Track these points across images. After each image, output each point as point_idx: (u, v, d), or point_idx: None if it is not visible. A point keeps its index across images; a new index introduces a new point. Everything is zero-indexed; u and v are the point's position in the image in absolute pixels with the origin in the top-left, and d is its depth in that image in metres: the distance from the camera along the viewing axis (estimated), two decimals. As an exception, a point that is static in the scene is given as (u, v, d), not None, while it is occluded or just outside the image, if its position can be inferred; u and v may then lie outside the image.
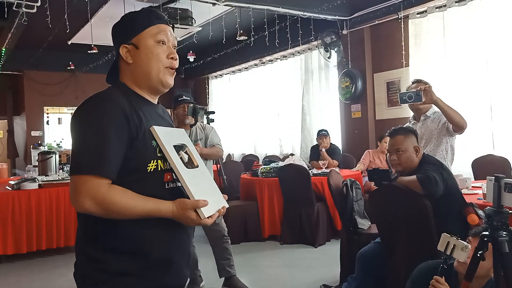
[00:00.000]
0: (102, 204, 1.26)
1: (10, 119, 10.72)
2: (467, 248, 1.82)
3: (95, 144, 1.28)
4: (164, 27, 1.47)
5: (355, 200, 3.82)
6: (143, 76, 1.44)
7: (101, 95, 1.36)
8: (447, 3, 5.51)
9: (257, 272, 4.44)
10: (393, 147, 2.97)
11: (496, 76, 5.13)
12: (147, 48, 1.43)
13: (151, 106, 1.49)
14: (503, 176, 1.70)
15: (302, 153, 7.80)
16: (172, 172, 1.41)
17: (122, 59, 1.46)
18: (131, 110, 1.35)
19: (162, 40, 1.45)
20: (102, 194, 1.26)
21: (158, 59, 1.44)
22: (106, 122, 1.30)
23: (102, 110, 1.31)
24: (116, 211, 1.28)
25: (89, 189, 1.26)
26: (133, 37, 1.44)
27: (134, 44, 1.43)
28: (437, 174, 2.72)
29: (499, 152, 5.02)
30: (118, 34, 1.49)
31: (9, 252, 4.77)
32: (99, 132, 1.29)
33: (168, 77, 1.47)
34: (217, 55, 8.60)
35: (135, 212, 1.30)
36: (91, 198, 1.26)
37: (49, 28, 5.87)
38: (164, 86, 1.47)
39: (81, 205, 1.27)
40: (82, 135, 1.31)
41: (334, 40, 6.89)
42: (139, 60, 1.43)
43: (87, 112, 1.33)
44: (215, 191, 1.51)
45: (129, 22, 1.48)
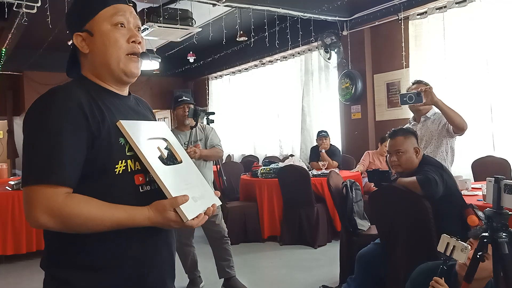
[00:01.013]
0: (60, 217, 1.08)
1: (10, 120, 10.72)
2: (467, 249, 1.82)
3: (46, 148, 1.09)
4: (122, 7, 1.26)
5: (355, 201, 3.82)
6: (102, 66, 1.25)
7: (53, 91, 1.18)
8: (447, 4, 5.51)
9: (256, 273, 4.44)
10: (393, 148, 2.97)
11: (496, 77, 5.13)
12: (103, 33, 1.23)
13: (119, 99, 1.29)
14: (503, 177, 1.70)
15: (302, 154, 7.80)
16: (145, 173, 1.22)
17: (78, 50, 1.28)
18: (90, 105, 1.17)
19: (121, 22, 1.25)
20: (58, 206, 1.07)
21: (117, 45, 1.24)
22: (59, 120, 1.11)
23: (54, 108, 1.13)
24: (78, 224, 1.09)
25: (43, 200, 1.07)
26: (86, 22, 1.25)
27: (88, 31, 1.24)
28: (437, 175, 2.72)
29: (499, 154, 5.02)
30: (70, 21, 1.30)
31: (8, 252, 4.77)
32: (50, 133, 1.10)
33: (132, 64, 1.27)
34: (217, 55, 8.60)
35: (103, 224, 1.10)
36: (46, 211, 1.07)
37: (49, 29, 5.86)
38: (128, 76, 1.28)
39: (35, 220, 1.08)
40: (31, 138, 1.12)
41: (334, 41, 6.89)
42: (96, 48, 1.24)
43: (37, 111, 1.15)
44: (204, 188, 1.33)
45: (81, 6, 1.28)
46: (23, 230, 4.80)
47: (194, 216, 1.18)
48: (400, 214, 2.92)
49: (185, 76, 10.44)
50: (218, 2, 5.72)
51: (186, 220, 1.15)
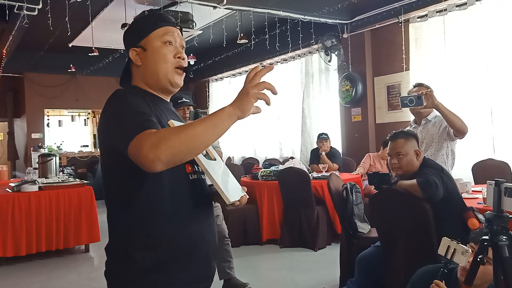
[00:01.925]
0: (160, 140, 1.17)
1: (11, 121, 10.73)
2: (468, 253, 1.81)
3: (132, 116, 1.28)
4: (170, 29, 1.51)
5: (355, 203, 3.82)
6: (152, 77, 1.48)
7: (121, 91, 1.41)
8: (447, 7, 5.52)
9: (256, 275, 4.44)
10: (394, 150, 2.96)
11: (496, 80, 5.14)
12: (154, 49, 1.47)
13: (165, 103, 1.54)
14: (503, 180, 1.70)
15: (302, 156, 7.80)
16: (192, 164, 1.43)
17: (132, 63, 1.50)
18: (148, 104, 1.39)
19: (169, 41, 1.48)
20: (153, 136, 1.19)
21: (165, 60, 1.47)
22: (134, 103, 1.33)
23: (128, 99, 1.35)
24: (180, 141, 1.18)
25: (144, 138, 1.19)
26: (141, 40, 1.48)
27: (142, 47, 1.48)
28: (437, 178, 2.72)
29: (500, 157, 5.02)
30: (128, 39, 1.54)
31: (8, 254, 4.76)
32: (131, 109, 1.30)
33: (177, 76, 1.51)
34: (218, 58, 8.61)
35: (198, 129, 1.20)
36: (149, 146, 1.17)
37: (50, 31, 5.88)
38: (173, 86, 1.51)
39: (151, 158, 1.17)
40: (117, 117, 1.31)
41: (335, 43, 6.90)
42: (148, 61, 1.47)
43: (114, 102, 1.37)
44: (235, 182, 1.54)
45: (137, 26, 1.53)
46: (23, 232, 4.80)
47: (234, 200, 1.37)
48: (401, 217, 2.92)
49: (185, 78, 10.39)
50: (218, 4, 5.73)
51: (229, 202, 1.34)
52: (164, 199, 1.35)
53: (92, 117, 12.35)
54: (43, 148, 9.53)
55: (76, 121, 12.13)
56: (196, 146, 1.22)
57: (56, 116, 11.59)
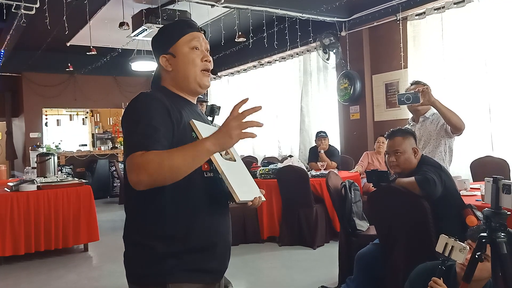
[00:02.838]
0: (140, 168, 1.30)
1: (9, 121, 10.72)
2: (465, 250, 1.82)
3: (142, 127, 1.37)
4: (196, 34, 1.61)
5: (354, 201, 3.83)
6: (183, 80, 1.58)
7: (146, 93, 1.50)
8: (445, 5, 5.52)
9: (255, 273, 4.44)
10: (392, 148, 2.97)
11: (494, 77, 5.14)
12: (184, 55, 1.57)
13: (190, 105, 1.62)
14: (501, 177, 1.70)
15: (301, 154, 7.80)
16: (209, 162, 1.47)
17: (162, 68, 1.60)
18: (171, 106, 1.46)
19: (196, 46, 1.59)
20: (137, 160, 1.31)
21: (194, 64, 1.57)
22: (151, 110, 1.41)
23: (146, 102, 1.44)
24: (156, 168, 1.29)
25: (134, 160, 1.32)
26: (170, 47, 1.58)
27: (171, 54, 1.58)
28: (436, 176, 2.73)
29: (498, 154, 5.03)
30: (157, 46, 1.63)
31: (7, 253, 4.76)
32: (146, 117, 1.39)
33: (205, 78, 1.60)
34: (216, 56, 8.59)
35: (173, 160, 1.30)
36: (136, 166, 1.30)
37: (48, 30, 5.87)
38: (202, 88, 1.61)
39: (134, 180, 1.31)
40: (132, 123, 1.41)
41: (333, 41, 6.91)
42: (178, 67, 1.57)
43: (134, 106, 1.45)
44: (252, 184, 1.60)
45: (165, 34, 1.62)
46: (21, 232, 4.79)
47: (245, 200, 1.42)
48: (399, 214, 2.92)
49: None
50: (216, 3, 5.73)
51: (239, 201, 1.38)
52: (181, 194, 1.43)
53: (91, 116, 12.35)
54: (41, 148, 9.52)
55: (74, 120, 12.13)
56: (174, 177, 1.32)
57: (55, 116, 11.59)
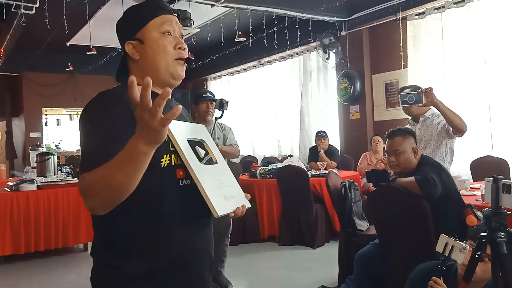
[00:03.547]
0: (86, 193, 1.13)
1: (9, 121, 10.72)
2: (466, 250, 1.82)
3: (94, 141, 1.21)
4: (168, 17, 1.39)
5: (354, 201, 3.82)
6: (152, 71, 1.36)
7: (104, 93, 1.31)
8: (445, 5, 5.52)
9: (255, 273, 4.44)
10: (392, 148, 2.96)
11: (494, 77, 5.14)
12: (153, 41, 1.36)
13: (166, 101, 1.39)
14: (501, 177, 1.70)
15: (301, 154, 7.80)
16: (185, 168, 1.31)
17: (129, 56, 1.39)
18: None
19: (168, 31, 1.37)
20: (80, 185, 1.15)
21: (165, 52, 1.36)
22: (105, 116, 1.23)
23: (105, 107, 1.25)
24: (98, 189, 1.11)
25: (80, 184, 1.17)
26: (137, 31, 1.37)
27: (139, 39, 1.36)
28: (436, 175, 2.73)
29: (498, 153, 5.03)
30: (122, 31, 1.43)
31: (7, 253, 4.76)
32: (98, 128, 1.22)
33: (179, 68, 1.39)
34: (216, 56, 8.60)
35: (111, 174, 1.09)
36: (82, 194, 1.14)
37: (48, 30, 5.86)
38: (175, 79, 1.40)
39: (86, 207, 1.17)
40: (83, 136, 1.25)
41: (333, 41, 6.90)
42: (146, 55, 1.36)
43: (90, 111, 1.28)
44: (235, 189, 1.40)
45: (132, 16, 1.41)
46: (21, 231, 4.79)
47: (224, 213, 1.25)
48: (399, 214, 2.92)
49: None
50: (216, 2, 5.73)
51: (217, 216, 1.22)
52: (152, 206, 1.26)
53: (90, 116, 12.34)
54: (41, 147, 9.52)
55: (74, 120, 12.10)
56: (125, 194, 1.13)
57: (54, 115, 11.58)
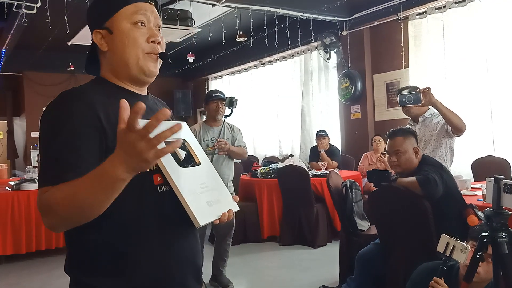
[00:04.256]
0: (45, 210, 1.03)
1: (10, 120, 10.72)
2: (467, 250, 1.81)
3: (54, 151, 1.07)
4: (143, 5, 1.24)
5: (355, 201, 3.82)
6: (120, 65, 1.23)
7: (65, 94, 1.16)
8: (446, 4, 5.51)
9: (256, 273, 4.44)
10: (393, 148, 2.96)
11: (496, 77, 5.13)
12: (122, 32, 1.21)
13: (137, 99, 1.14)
14: (503, 177, 1.70)
15: (302, 154, 7.79)
16: (162, 174, 1.17)
17: (97, 47, 1.25)
18: (105, 107, 1.14)
19: (141, 21, 1.22)
20: (40, 201, 1.04)
21: (136, 44, 1.21)
22: (68, 123, 1.09)
23: (65, 110, 1.11)
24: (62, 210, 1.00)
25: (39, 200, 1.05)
26: (106, 20, 1.22)
27: (107, 29, 1.22)
28: (437, 175, 2.72)
29: (499, 153, 5.02)
30: (91, 18, 1.27)
31: (8, 252, 4.77)
32: (59, 136, 1.07)
33: (150, 63, 1.23)
34: (217, 56, 8.60)
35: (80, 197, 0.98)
36: (40, 211, 1.04)
37: (49, 29, 5.86)
38: (146, 75, 1.25)
39: (44, 223, 1.06)
40: (41, 144, 1.11)
41: (334, 41, 6.90)
42: (114, 46, 1.22)
43: (49, 115, 1.13)
44: (221, 192, 1.28)
45: (102, 2, 1.26)
46: (22, 230, 4.80)
47: (207, 221, 1.16)
48: (400, 214, 2.92)
49: (184, 77, 10.45)
50: (217, 2, 5.72)
51: (198, 226, 1.12)
52: (128, 218, 1.14)
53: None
54: (42, 147, 9.51)
55: (75, 119, 12.13)
56: (90, 216, 1.02)
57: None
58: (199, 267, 1.33)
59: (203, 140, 3.84)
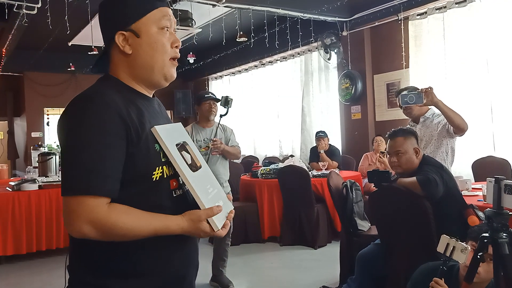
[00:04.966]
0: (103, 228, 1.08)
1: (11, 120, 10.73)
2: (467, 250, 1.81)
3: (88, 158, 1.08)
4: (167, 10, 1.25)
5: (355, 201, 3.82)
6: (145, 69, 1.23)
7: (91, 96, 1.15)
8: (447, 5, 5.51)
9: (257, 273, 4.44)
10: (393, 149, 2.96)
11: (496, 77, 5.13)
12: (151, 36, 1.21)
13: (148, 101, 1.27)
14: (503, 177, 1.70)
15: (302, 154, 7.80)
16: (177, 178, 1.24)
17: (116, 49, 1.23)
18: (128, 111, 1.15)
19: (166, 26, 1.24)
20: (101, 217, 1.07)
21: (164, 50, 1.23)
22: (99, 129, 1.10)
23: (94, 116, 1.10)
24: (119, 235, 1.10)
25: (87, 212, 1.07)
26: (132, 22, 1.21)
27: (134, 32, 1.21)
28: (437, 176, 2.72)
29: (500, 154, 5.02)
30: (111, 18, 1.24)
31: (9, 253, 4.77)
32: (92, 142, 1.09)
33: (173, 70, 1.27)
34: (217, 56, 8.60)
35: (141, 234, 1.11)
36: (90, 222, 1.07)
37: (50, 29, 5.87)
38: (167, 80, 1.27)
39: (77, 230, 1.08)
40: (73, 146, 1.10)
41: (334, 41, 6.89)
42: (141, 50, 1.21)
43: (76, 119, 1.12)
44: (220, 194, 1.32)
45: (126, 3, 1.23)
46: (23, 231, 4.80)
47: (222, 225, 1.21)
48: (400, 214, 2.92)
49: (185, 77, 10.44)
50: (218, 2, 5.73)
51: (217, 230, 1.18)
52: None
53: (92, 115, 12.36)
54: (43, 147, 9.51)
55: (75, 120, 12.13)
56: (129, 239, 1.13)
57: (56, 115, 11.55)
58: (198, 266, 1.38)
59: (196, 141, 3.86)
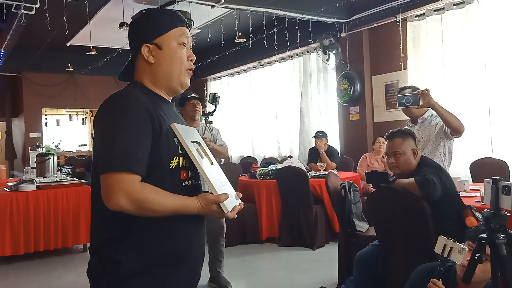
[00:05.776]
0: (137, 201, 1.27)
1: (9, 121, 10.71)
2: (464, 251, 1.82)
3: (124, 141, 1.29)
4: (185, 30, 1.51)
5: (353, 202, 3.82)
6: (165, 77, 1.48)
7: (125, 93, 1.39)
8: (445, 6, 5.52)
9: (255, 274, 4.44)
10: (391, 150, 2.96)
11: (494, 78, 5.14)
12: (171, 49, 1.46)
13: (168, 105, 1.52)
14: (501, 178, 1.70)
15: (301, 155, 7.80)
16: (187, 170, 1.44)
17: (141, 58, 1.47)
18: (153, 109, 1.37)
19: (184, 43, 1.49)
20: (137, 191, 1.27)
21: (181, 62, 1.48)
22: (133, 120, 1.32)
23: (128, 108, 1.33)
24: (149, 209, 1.29)
25: (125, 186, 1.26)
26: (157, 37, 1.46)
27: (157, 44, 1.45)
28: (435, 177, 2.73)
29: (497, 155, 5.03)
30: (139, 32, 1.49)
31: (6, 253, 4.76)
32: (127, 129, 1.30)
33: (187, 79, 1.52)
34: (216, 57, 8.61)
35: (166, 210, 1.31)
36: (127, 195, 1.26)
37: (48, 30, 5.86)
38: (182, 87, 1.52)
39: (116, 202, 1.26)
40: (110, 132, 1.32)
41: (333, 42, 6.91)
42: (162, 61, 1.46)
43: (114, 110, 1.35)
44: (231, 188, 1.52)
45: (152, 21, 1.49)
46: (21, 231, 4.79)
47: (231, 208, 1.40)
48: (399, 215, 2.92)
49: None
50: (216, 3, 5.73)
51: (227, 211, 1.37)
52: None
53: (90, 116, 12.33)
54: (41, 148, 9.51)
55: (74, 120, 12.10)
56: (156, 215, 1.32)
57: (54, 116, 11.57)
58: (204, 252, 1.57)
59: None
